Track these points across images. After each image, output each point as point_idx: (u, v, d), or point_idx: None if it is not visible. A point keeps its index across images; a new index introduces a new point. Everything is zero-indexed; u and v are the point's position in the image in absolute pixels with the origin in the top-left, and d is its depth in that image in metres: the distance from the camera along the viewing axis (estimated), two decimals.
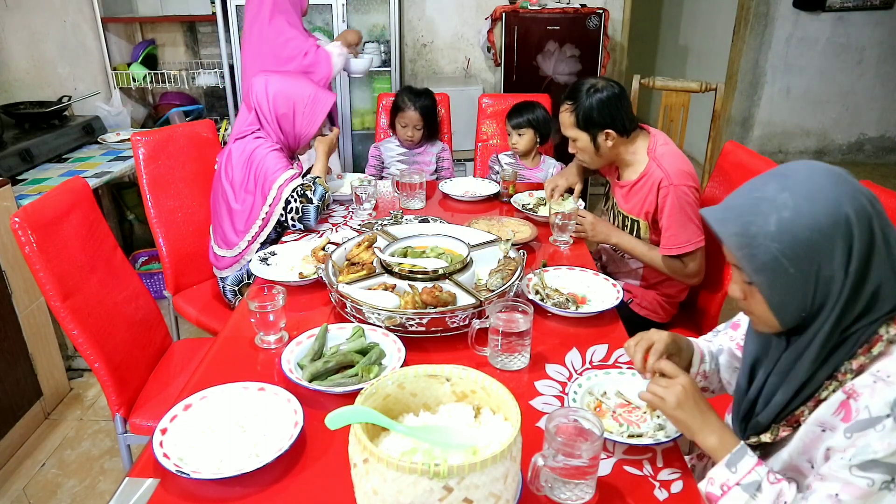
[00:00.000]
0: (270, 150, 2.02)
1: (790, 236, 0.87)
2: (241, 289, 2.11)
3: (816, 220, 0.86)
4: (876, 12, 4.88)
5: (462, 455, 0.88)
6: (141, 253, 3.31)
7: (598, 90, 1.84)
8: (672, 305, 2.03)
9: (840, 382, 0.91)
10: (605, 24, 3.63)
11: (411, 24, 4.11)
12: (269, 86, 2.05)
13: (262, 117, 2.06)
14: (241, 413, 1.13)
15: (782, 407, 0.97)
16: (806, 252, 0.87)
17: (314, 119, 2.08)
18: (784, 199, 0.88)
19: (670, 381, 1.03)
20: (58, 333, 2.41)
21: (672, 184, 1.79)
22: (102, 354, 1.51)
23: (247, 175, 2.01)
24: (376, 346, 1.31)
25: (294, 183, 2.00)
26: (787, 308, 0.92)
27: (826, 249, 0.87)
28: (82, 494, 2.02)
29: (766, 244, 0.88)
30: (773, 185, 0.90)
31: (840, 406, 0.90)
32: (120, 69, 3.67)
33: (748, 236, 0.90)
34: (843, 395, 0.90)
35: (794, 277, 0.89)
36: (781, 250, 0.88)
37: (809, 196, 0.87)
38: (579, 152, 1.95)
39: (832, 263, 0.87)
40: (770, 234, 0.88)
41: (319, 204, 2.01)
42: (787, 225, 0.87)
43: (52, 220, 1.48)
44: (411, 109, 2.62)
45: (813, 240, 0.86)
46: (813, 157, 5.39)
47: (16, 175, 2.53)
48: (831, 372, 0.92)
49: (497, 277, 1.49)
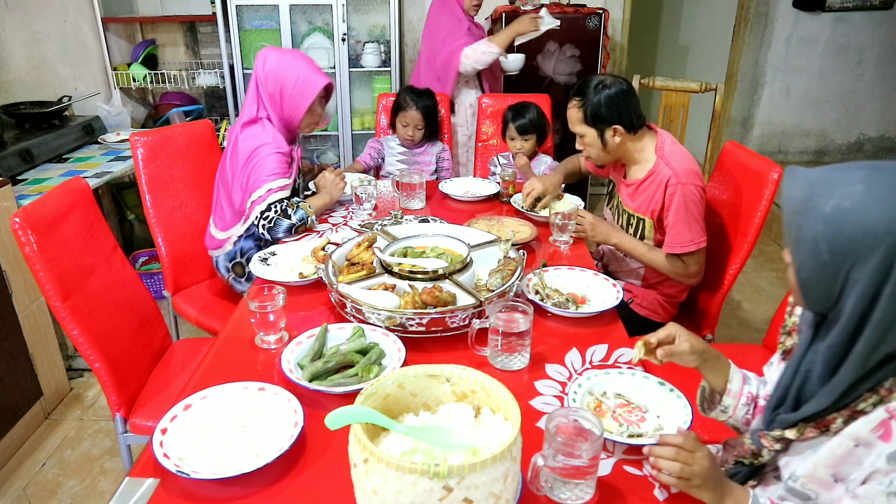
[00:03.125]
0: (274, 150, 1.99)
1: (837, 225, 0.85)
2: (235, 267, 2.12)
3: (868, 222, 0.83)
4: (876, 12, 4.88)
5: (462, 455, 0.88)
6: (141, 253, 3.32)
7: (606, 86, 1.85)
8: (672, 305, 2.03)
9: (881, 398, 0.88)
10: (605, 24, 3.63)
11: (411, 24, 4.11)
12: (266, 62, 2.02)
13: (262, 93, 2.03)
14: (241, 413, 1.13)
15: (815, 411, 0.94)
16: (843, 246, 0.85)
17: (300, 103, 2.03)
18: (856, 189, 0.85)
19: (689, 457, 0.95)
20: (58, 333, 2.41)
21: (680, 182, 1.79)
22: (102, 354, 1.51)
23: (245, 169, 2.00)
24: (376, 346, 1.31)
25: (281, 193, 1.98)
26: (811, 291, 0.90)
27: (863, 253, 0.84)
28: (82, 494, 2.02)
29: (814, 223, 0.86)
30: (860, 172, 0.87)
31: (881, 424, 0.87)
32: (120, 69, 3.67)
33: (804, 206, 0.87)
34: (885, 413, 0.87)
35: (827, 265, 0.86)
36: (824, 234, 0.85)
37: (879, 197, 0.84)
38: (587, 148, 1.95)
39: (864, 268, 0.84)
40: (822, 215, 0.86)
41: (296, 223, 1.98)
42: (841, 213, 0.84)
43: (52, 220, 1.48)
44: (413, 109, 2.62)
45: (855, 237, 0.84)
46: (813, 157, 5.39)
47: (16, 175, 2.54)
48: (873, 385, 0.89)
49: (497, 277, 1.49)
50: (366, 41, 3.84)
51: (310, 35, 3.76)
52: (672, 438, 0.96)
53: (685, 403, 1.15)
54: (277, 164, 1.99)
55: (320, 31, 3.77)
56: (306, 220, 2.01)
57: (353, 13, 3.83)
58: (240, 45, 3.67)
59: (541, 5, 3.76)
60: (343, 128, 3.87)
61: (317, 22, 3.82)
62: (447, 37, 2.89)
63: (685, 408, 1.14)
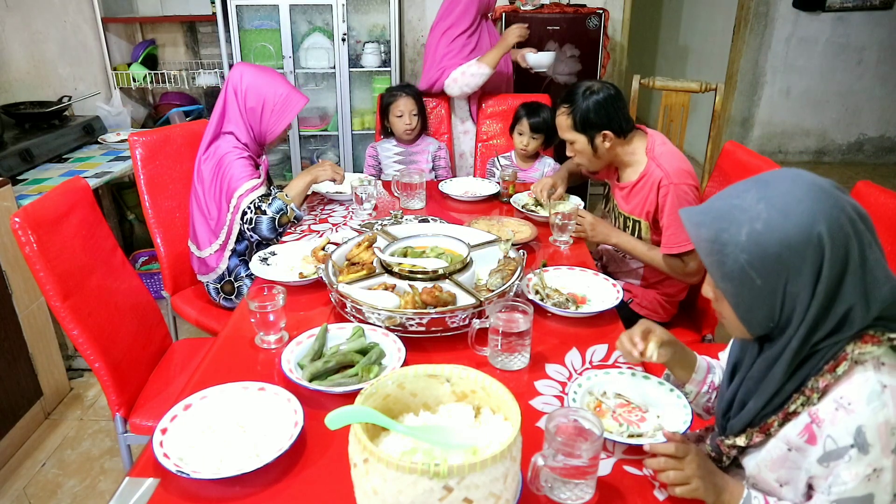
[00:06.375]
0: (238, 157, 2.01)
1: (759, 249, 0.86)
2: (224, 286, 2.13)
3: (787, 236, 0.85)
4: (876, 12, 4.88)
5: (462, 455, 0.88)
6: (141, 253, 3.32)
7: (594, 92, 1.86)
8: (672, 305, 2.03)
9: (807, 398, 0.90)
10: (605, 24, 3.63)
11: (411, 24, 4.11)
12: (243, 77, 2.05)
13: (233, 106, 2.05)
14: (241, 413, 1.13)
15: (755, 413, 0.97)
16: (773, 266, 0.86)
17: (282, 119, 2.08)
18: (759, 210, 0.87)
19: (679, 463, 0.96)
20: (58, 333, 2.41)
21: (672, 182, 1.80)
22: (102, 354, 1.51)
23: (214, 180, 2.02)
24: (376, 346, 1.31)
25: (253, 195, 2.00)
26: (754, 317, 0.92)
27: (794, 265, 0.85)
28: (82, 494, 2.02)
29: (735, 254, 0.87)
30: (752, 193, 0.89)
31: (805, 429, 0.90)
32: (120, 69, 3.67)
33: (719, 243, 0.89)
34: (808, 417, 0.90)
35: (761, 289, 0.88)
36: (749, 261, 0.87)
37: (784, 210, 0.85)
38: (577, 155, 1.96)
39: (799, 280, 0.86)
40: (740, 245, 0.87)
41: (276, 216, 1.99)
42: (757, 237, 0.86)
43: (52, 220, 1.48)
44: (403, 96, 2.63)
45: (782, 255, 0.85)
46: (813, 157, 5.40)
47: (16, 175, 2.53)
48: (799, 385, 0.92)
49: (497, 277, 1.49)
50: (366, 41, 3.84)
51: (310, 35, 3.76)
52: (662, 448, 0.98)
53: (685, 403, 1.15)
54: (242, 168, 2.01)
55: (320, 31, 3.77)
56: (285, 209, 2.02)
57: (353, 13, 3.83)
58: (240, 46, 3.67)
59: (541, 5, 3.76)
60: (343, 128, 3.87)
61: (317, 22, 3.82)
62: (444, 56, 2.83)
63: (685, 408, 1.14)
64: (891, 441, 0.83)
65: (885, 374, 0.86)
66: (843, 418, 0.86)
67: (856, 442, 0.84)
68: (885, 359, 0.88)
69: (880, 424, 0.83)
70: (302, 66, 3.77)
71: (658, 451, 0.98)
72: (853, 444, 0.84)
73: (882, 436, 0.83)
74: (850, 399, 0.86)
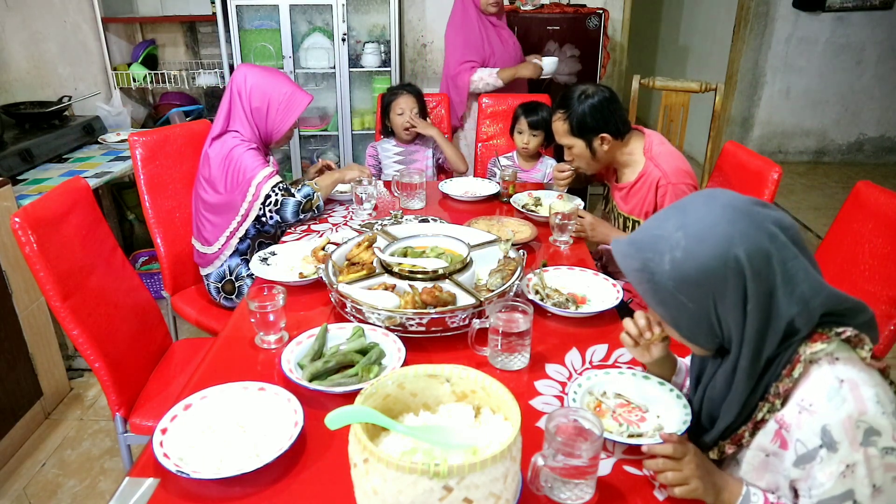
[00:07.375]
0: (248, 148, 2.02)
1: (682, 275, 0.88)
2: (225, 286, 2.13)
3: (704, 262, 0.87)
4: (875, 12, 4.88)
5: (462, 455, 0.88)
6: (141, 253, 3.32)
7: (588, 96, 1.86)
8: None
9: (771, 404, 0.92)
10: (605, 24, 3.63)
11: (411, 24, 4.11)
12: (247, 78, 2.06)
13: (238, 107, 2.06)
14: (241, 413, 1.13)
15: (725, 427, 0.99)
16: (698, 291, 0.89)
17: (287, 117, 2.09)
18: (677, 238, 0.89)
19: (677, 464, 0.96)
20: (58, 333, 2.41)
21: (670, 182, 1.80)
22: (102, 354, 1.51)
23: (225, 173, 2.02)
24: (376, 346, 1.31)
25: (274, 180, 2.02)
26: (696, 337, 0.95)
27: (718, 289, 0.88)
28: (82, 494, 2.02)
29: (664, 281, 0.90)
30: (671, 221, 0.91)
31: (775, 435, 0.92)
32: (120, 69, 3.67)
33: (647, 272, 0.92)
34: (776, 424, 0.91)
35: (695, 312, 0.91)
36: (676, 287, 0.90)
37: (700, 236, 0.88)
38: (576, 159, 1.97)
39: (725, 301, 0.88)
40: (665, 273, 0.90)
41: (303, 201, 2.03)
42: (679, 265, 0.88)
43: (52, 220, 1.48)
44: (403, 94, 2.64)
45: (702, 280, 0.88)
46: (813, 157, 5.40)
47: (16, 175, 2.53)
48: (762, 394, 0.93)
49: (497, 277, 1.49)
50: (366, 41, 3.84)
51: (310, 35, 3.76)
52: (660, 449, 0.98)
53: (685, 403, 1.15)
54: (254, 158, 2.02)
55: (320, 31, 3.77)
56: (312, 196, 2.05)
57: (353, 13, 3.83)
58: (240, 46, 3.67)
59: (541, 5, 3.76)
60: (343, 128, 3.87)
61: (317, 22, 3.82)
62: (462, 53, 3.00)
63: (685, 408, 1.14)
64: (857, 434, 0.83)
65: (840, 369, 0.87)
66: (807, 420, 0.87)
67: (823, 442, 0.85)
68: (837, 353, 0.89)
69: (844, 420, 0.84)
70: (302, 66, 3.77)
71: (656, 452, 0.98)
72: (821, 445, 0.85)
73: (848, 431, 0.84)
74: (810, 400, 0.87)
